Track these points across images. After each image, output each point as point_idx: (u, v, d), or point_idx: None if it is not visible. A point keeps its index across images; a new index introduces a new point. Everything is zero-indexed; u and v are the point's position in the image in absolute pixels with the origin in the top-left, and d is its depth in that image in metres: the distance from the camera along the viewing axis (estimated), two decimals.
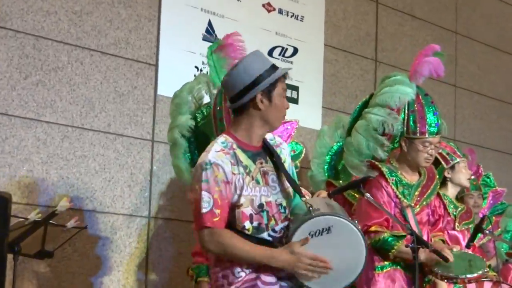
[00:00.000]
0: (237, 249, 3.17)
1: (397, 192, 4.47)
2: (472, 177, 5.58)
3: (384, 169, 4.49)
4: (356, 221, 3.27)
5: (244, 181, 3.22)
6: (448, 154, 5.31)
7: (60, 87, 5.10)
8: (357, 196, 4.69)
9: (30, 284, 4.89)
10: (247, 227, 3.20)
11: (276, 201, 3.30)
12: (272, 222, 3.27)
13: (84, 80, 5.22)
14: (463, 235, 5.12)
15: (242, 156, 3.25)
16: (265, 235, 3.25)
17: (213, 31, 5.81)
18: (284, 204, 3.33)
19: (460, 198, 5.75)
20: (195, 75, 5.56)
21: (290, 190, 3.37)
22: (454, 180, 5.31)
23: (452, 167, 5.30)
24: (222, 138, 3.28)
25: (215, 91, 4.46)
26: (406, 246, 4.01)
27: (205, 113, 4.35)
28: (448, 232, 5.11)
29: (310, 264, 3.14)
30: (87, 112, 5.22)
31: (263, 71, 3.23)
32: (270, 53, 6.20)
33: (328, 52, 6.69)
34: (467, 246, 4.55)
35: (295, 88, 6.27)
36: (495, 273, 5.14)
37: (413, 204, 4.52)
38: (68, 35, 5.17)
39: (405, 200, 4.48)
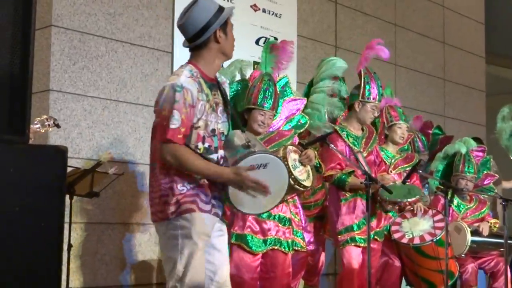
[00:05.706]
0: (191, 163, 2.98)
1: (349, 142, 4.55)
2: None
3: (337, 127, 4.60)
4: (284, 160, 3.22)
5: (205, 107, 3.06)
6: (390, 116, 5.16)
7: (100, 70, 5.16)
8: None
9: (82, 217, 5.00)
10: (199, 147, 3.05)
11: (220, 129, 3.15)
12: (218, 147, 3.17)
13: (118, 64, 5.28)
14: (399, 176, 5.01)
15: (204, 86, 3.09)
16: (214, 156, 3.09)
17: None
18: (225, 133, 3.18)
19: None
20: None
21: (228, 122, 3.24)
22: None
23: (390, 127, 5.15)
24: (189, 67, 3.10)
25: (249, 73, 4.37)
26: (361, 183, 4.08)
27: (238, 88, 4.23)
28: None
29: (252, 187, 2.96)
30: (121, 89, 5.27)
31: (216, 11, 3.09)
32: (257, 42, 6.13)
33: (300, 40, 6.63)
34: (403, 182, 4.53)
35: None
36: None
37: (362, 150, 4.61)
38: (105, 31, 5.22)
39: (355, 148, 4.56)
